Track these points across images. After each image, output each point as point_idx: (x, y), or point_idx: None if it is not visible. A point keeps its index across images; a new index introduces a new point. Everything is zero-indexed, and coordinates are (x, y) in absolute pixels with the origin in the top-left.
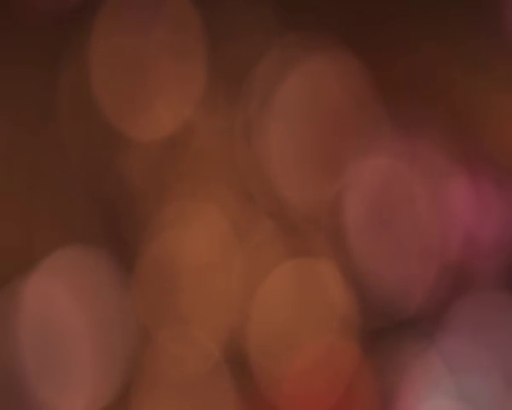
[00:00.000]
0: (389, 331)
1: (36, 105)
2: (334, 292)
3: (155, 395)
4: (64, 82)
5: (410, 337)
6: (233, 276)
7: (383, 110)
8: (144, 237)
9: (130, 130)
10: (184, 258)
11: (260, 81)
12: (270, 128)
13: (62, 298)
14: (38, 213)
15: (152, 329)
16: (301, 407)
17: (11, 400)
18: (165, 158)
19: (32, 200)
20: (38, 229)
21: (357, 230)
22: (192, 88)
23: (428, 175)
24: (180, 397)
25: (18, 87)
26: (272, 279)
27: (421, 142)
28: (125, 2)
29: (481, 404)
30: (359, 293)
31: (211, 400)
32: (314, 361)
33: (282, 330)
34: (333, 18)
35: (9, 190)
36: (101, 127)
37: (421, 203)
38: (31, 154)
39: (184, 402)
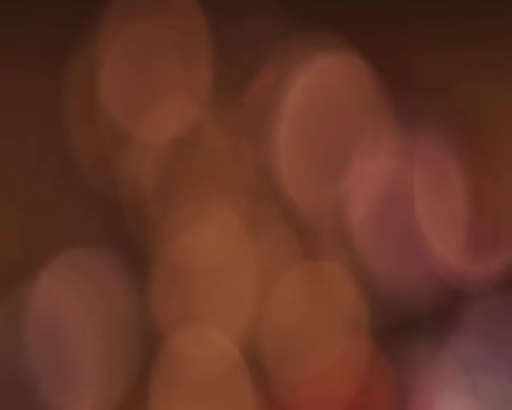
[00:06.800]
0: (401, 331)
1: (42, 105)
2: (345, 293)
3: (170, 397)
4: (70, 83)
5: (422, 336)
6: (246, 277)
7: (388, 109)
8: (155, 239)
9: (137, 131)
10: (196, 259)
11: (267, 81)
12: (276, 128)
13: (70, 300)
14: (46, 216)
15: (166, 330)
16: (316, 407)
17: (19, 401)
18: (173, 158)
19: (39, 202)
20: (46, 231)
21: (365, 230)
22: (199, 88)
23: (432, 174)
24: (194, 398)
25: (23, 88)
26: (285, 280)
27: (426, 141)
28: (131, 3)
29: (494, 401)
30: (370, 293)
31: (225, 401)
32: (328, 362)
33: (295, 331)
34: (337, 17)
35: (15, 192)
36: (108, 128)
37: (426, 202)
38: (38, 155)
39: (199, 403)
